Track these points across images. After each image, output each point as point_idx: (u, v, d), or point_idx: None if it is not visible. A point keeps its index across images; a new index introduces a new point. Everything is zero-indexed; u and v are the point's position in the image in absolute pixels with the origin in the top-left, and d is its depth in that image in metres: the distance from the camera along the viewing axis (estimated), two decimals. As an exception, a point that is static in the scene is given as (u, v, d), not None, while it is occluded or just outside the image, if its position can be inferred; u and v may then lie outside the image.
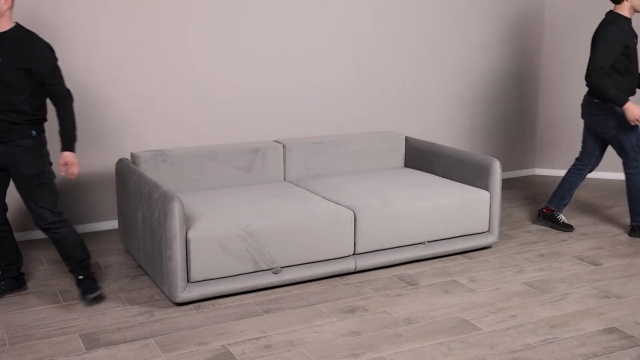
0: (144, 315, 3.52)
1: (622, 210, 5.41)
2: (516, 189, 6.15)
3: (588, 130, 4.80)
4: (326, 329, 3.36)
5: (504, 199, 5.81)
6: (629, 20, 4.53)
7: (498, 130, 6.41)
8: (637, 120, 4.41)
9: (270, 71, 5.29)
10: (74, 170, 3.56)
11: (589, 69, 4.45)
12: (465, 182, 4.60)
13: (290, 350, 3.14)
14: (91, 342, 3.22)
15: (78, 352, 3.13)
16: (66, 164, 3.55)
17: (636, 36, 4.56)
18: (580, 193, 5.95)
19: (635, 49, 4.55)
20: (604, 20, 4.56)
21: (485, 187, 4.45)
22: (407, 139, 5.16)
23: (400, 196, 4.23)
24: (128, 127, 4.89)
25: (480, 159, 4.49)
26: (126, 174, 4.11)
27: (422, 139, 5.97)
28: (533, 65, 6.45)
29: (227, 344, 3.20)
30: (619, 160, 6.38)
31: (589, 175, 6.49)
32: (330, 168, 4.86)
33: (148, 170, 4.29)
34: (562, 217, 4.95)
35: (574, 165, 4.88)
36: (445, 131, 6.12)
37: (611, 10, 4.59)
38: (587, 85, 4.51)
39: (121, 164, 4.26)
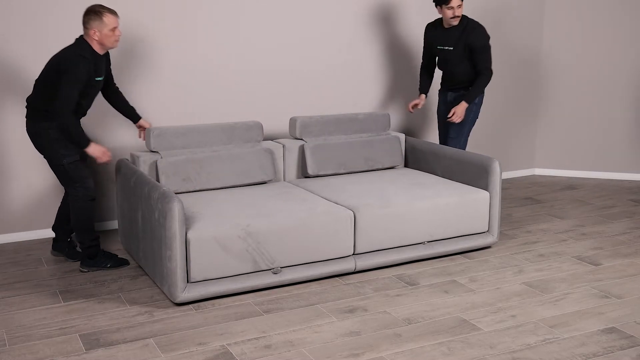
0: (143, 315, 3.52)
1: (622, 210, 5.41)
2: (516, 189, 6.15)
3: None
4: (326, 329, 3.36)
5: (503, 199, 5.81)
6: (444, 28, 5.00)
7: (498, 130, 6.41)
8: None
9: (271, 71, 5.29)
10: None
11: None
12: (465, 182, 4.60)
13: (290, 350, 3.14)
14: (91, 342, 3.22)
15: (78, 352, 3.13)
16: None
17: (448, 45, 4.97)
18: (580, 193, 5.95)
19: (438, 54, 5.08)
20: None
21: (485, 187, 4.45)
22: (407, 139, 5.16)
23: (400, 196, 4.23)
24: (128, 128, 4.89)
25: (479, 159, 4.49)
26: (126, 174, 4.11)
27: (422, 139, 5.97)
28: (532, 64, 6.45)
29: (227, 344, 3.20)
30: (618, 160, 6.39)
31: (588, 175, 6.49)
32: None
33: (148, 170, 4.29)
34: None
35: None
36: (445, 131, 6.12)
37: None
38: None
39: (121, 164, 4.26)
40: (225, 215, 3.78)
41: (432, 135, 6.07)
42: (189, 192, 4.29)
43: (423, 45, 5.24)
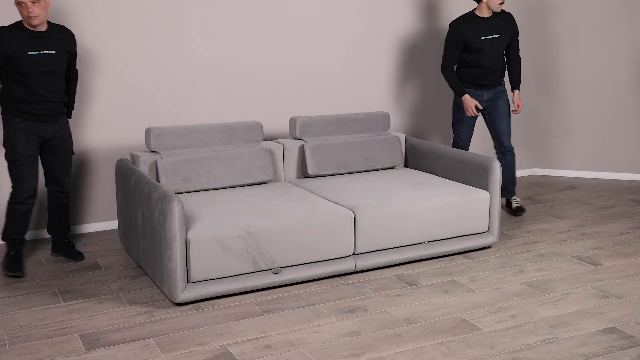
0: (143, 315, 3.52)
1: (622, 210, 5.41)
2: (516, 189, 6.15)
3: None
4: (326, 329, 3.36)
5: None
6: (482, 19, 5.02)
7: (498, 130, 6.41)
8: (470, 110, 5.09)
9: (271, 71, 5.29)
10: None
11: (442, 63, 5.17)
12: (465, 182, 4.60)
13: (290, 350, 3.14)
14: (91, 342, 3.23)
15: (78, 352, 3.13)
16: None
17: (490, 34, 5.02)
18: (580, 193, 5.95)
19: (483, 47, 5.03)
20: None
21: (485, 187, 4.45)
22: (407, 139, 5.16)
23: (400, 196, 4.23)
24: (127, 128, 4.89)
25: (480, 159, 4.49)
26: (126, 174, 4.11)
27: (422, 139, 5.97)
28: (533, 65, 6.45)
29: (227, 344, 3.20)
30: (618, 160, 6.38)
31: (588, 175, 6.49)
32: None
33: (148, 170, 4.29)
34: None
35: None
36: (445, 131, 6.12)
37: (471, 10, 5.21)
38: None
39: (121, 164, 4.26)
40: (225, 215, 3.78)
41: (432, 135, 6.07)
42: (189, 192, 4.29)
43: (451, 44, 5.02)
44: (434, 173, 4.88)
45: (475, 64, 5.09)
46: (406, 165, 5.18)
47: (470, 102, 5.08)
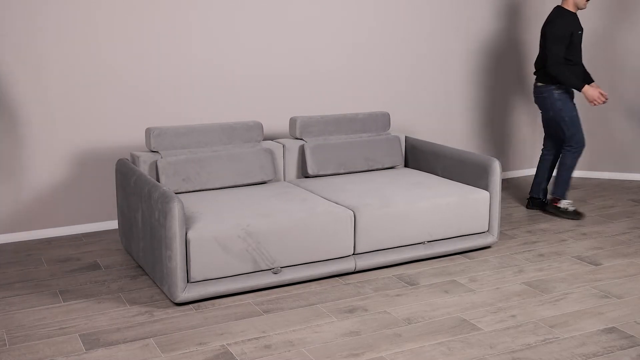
0: (143, 315, 3.52)
1: (622, 210, 5.41)
2: (516, 189, 6.15)
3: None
4: (326, 329, 3.36)
5: (503, 199, 5.81)
6: (573, 14, 4.99)
7: (498, 130, 6.42)
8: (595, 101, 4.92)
9: (271, 71, 5.29)
10: None
11: (549, 61, 4.92)
12: (465, 182, 4.60)
13: (290, 350, 3.14)
14: (91, 342, 3.23)
15: (78, 352, 3.13)
16: None
17: (581, 29, 4.99)
18: (580, 193, 5.95)
19: (579, 42, 4.99)
20: (551, 14, 5.03)
21: (485, 187, 4.45)
22: (407, 139, 5.16)
23: (400, 196, 4.23)
24: (128, 128, 4.89)
25: (480, 159, 4.49)
26: (126, 174, 4.11)
27: (422, 138, 5.97)
28: (532, 64, 6.44)
29: (227, 344, 3.20)
30: (618, 160, 6.38)
31: (588, 175, 6.49)
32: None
33: (148, 170, 4.29)
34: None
35: None
36: (445, 131, 6.13)
37: (558, 5, 5.07)
38: (547, 73, 5.05)
39: (121, 164, 4.26)
40: (225, 215, 3.78)
41: (433, 135, 6.07)
42: (189, 192, 4.29)
43: (559, 38, 4.86)
44: (434, 173, 4.88)
45: (573, 60, 4.98)
46: (406, 165, 5.18)
47: (594, 92, 4.85)
